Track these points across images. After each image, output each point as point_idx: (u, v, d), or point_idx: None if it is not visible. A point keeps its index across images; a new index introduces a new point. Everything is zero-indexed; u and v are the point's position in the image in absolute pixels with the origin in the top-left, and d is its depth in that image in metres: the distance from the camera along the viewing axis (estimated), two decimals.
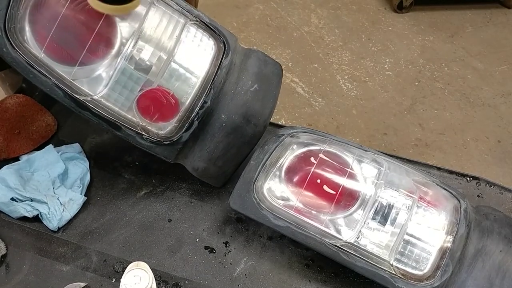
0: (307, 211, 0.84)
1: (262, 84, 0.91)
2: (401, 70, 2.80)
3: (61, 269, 0.83)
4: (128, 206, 0.93)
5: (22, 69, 0.79)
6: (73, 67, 0.81)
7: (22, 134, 0.98)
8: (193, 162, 0.91)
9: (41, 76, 0.79)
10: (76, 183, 0.92)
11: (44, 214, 0.86)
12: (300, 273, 0.86)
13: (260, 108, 0.91)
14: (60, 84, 0.80)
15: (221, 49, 0.87)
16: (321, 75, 2.70)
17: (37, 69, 0.79)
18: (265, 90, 0.92)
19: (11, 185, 0.87)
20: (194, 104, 0.86)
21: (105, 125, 0.84)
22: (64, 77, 0.81)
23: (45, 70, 0.80)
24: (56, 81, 0.80)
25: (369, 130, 2.45)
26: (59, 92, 0.81)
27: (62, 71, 0.81)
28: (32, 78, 0.80)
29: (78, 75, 0.82)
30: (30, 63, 0.79)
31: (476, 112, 2.61)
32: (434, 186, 0.88)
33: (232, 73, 0.88)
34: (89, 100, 0.83)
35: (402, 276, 0.78)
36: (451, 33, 3.08)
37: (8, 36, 0.77)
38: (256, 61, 0.92)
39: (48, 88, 0.80)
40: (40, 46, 0.79)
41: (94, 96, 0.83)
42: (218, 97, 0.87)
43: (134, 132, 0.85)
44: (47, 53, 0.80)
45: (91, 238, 0.87)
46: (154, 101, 0.85)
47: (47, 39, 0.79)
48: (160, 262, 0.85)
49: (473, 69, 2.85)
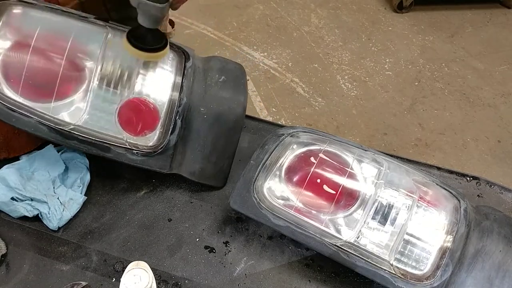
0: (307, 210, 0.84)
1: (228, 75, 0.98)
2: (401, 70, 2.80)
3: (61, 269, 0.83)
4: (128, 206, 0.93)
5: (4, 116, 0.82)
6: (50, 103, 0.85)
7: (22, 133, 0.98)
8: (188, 166, 0.92)
9: (23, 118, 0.83)
10: (76, 183, 0.92)
11: (44, 214, 0.86)
12: (300, 272, 0.86)
13: (234, 94, 0.97)
14: (42, 121, 0.83)
15: (182, 56, 0.94)
16: (321, 75, 2.70)
17: (17, 111, 0.82)
18: (233, 80, 0.98)
19: (11, 184, 0.87)
20: (172, 104, 0.90)
21: (94, 150, 0.86)
22: (44, 113, 0.85)
23: (25, 110, 0.83)
24: (38, 119, 0.83)
25: (369, 130, 2.45)
26: (44, 128, 0.83)
27: (42, 108, 0.85)
28: (15, 122, 0.82)
29: (57, 110, 0.86)
30: (11, 108, 0.82)
31: (476, 112, 2.61)
32: (434, 186, 0.88)
33: (198, 72, 0.95)
34: (73, 128, 0.85)
35: (402, 276, 0.78)
36: (451, 33, 3.08)
37: None
38: (217, 61, 1.01)
39: (32, 127, 0.83)
40: (15, 89, 0.84)
41: (77, 123, 0.86)
42: (192, 93, 0.92)
43: (123, 150, 0.87)
44: (23, 95, 0.84)
45: (91, 238, 0.87)
46: (134, 111, 0.89)
47: (20, 82, 0.83)
48: (160, 261, 0.85)
49: (473, 69, 2.85)
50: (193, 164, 0.93)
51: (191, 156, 0.93)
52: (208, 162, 0.93)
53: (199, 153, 0.93)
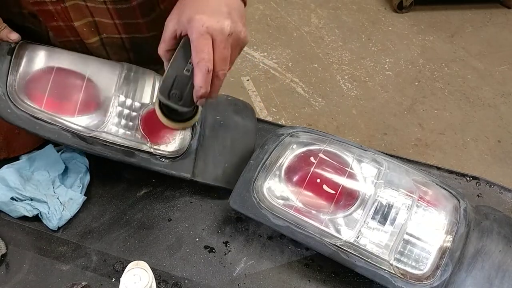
0: (306, 210, 0.84)
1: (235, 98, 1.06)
2: (401, 70, 2.81)
3: (61, 269, 0.83)
4: (128, 206, 0.93)
5: (27, 124, 0.84)
6: (74, 116, 0.87)
7: (22, 133, 0.98)
8: (211, 172, 0.95)
9: (46, 125, 0.85)
10: (76, 183, 0.92)
11: (44, 214, 0.86)
12: (300, 272, 0.86)
13: (243, 106, 1.04)
14: (66, 127, 0.86)
15: None
16: (321, 75, 2.70)
17: (41, 119, 0.85)
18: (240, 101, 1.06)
19: (11, 184, 0.87)
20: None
21: (119, 156, 0.88)
22: (68, 120, 0.87)
23: (49, 118, 0.86)
24: (61, 126, 0.86)
25: (369, 130, 2.46)
26: (67, 134, 0.86)
27: (65, 118, 0.87)
28: (39, 129, 0.85)
29: (80, 120, 0.88)
30: (34, 115, 0.85)
31: (476, 112, 2.61)
32: (434, 185, 0.88)
33: None
34: (97, 134, 0.88)
35: (402, 276, 0.78)
36: (451, 33, 3.08)
37: (11, 99, 0.85)
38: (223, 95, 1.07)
39: (56, 134, 0.85)
40: (39, 104, 0.86)
41: (100, 129, 0.88)
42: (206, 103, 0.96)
43: (147, 154, 0.90)
44: (46, 108, 0.86)
45: (91, 238, 0.87)
46: (155, 118, 0.90)
47: (44, 97, 0.87)
48: (160, 261, 0.85)
49: (473, 69, 2.86)
50: (214, 169, 0.95)
51: (212, 162, 0.96)
52: (229, 166, 0.96)
53: (219, 159, 0.96)
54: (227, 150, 0.98)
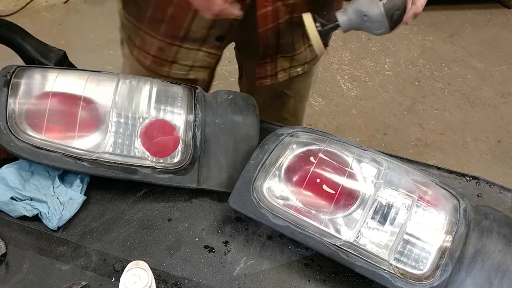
0: (306, 210, 0.84)
1: (236, 95, 1.04)
2: (401, 70, 2.81)
3: (61, 268, 0.83)
4: (127, 206, 0.93)
5: (31, 155, 0.85)
6: (74, 139, 0.89)
7: None
8: (216, 178, 0.95)
9: (49, 153, 0.86)
10: (76, 182, 0.92)
11: (44, 213, 0.86)
12: (300, 272, 0.86)
13: (244, 103, 1.02)
14: (68, 153, 0.87)
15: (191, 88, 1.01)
16: (321, 75, 2.70)
17: (44, 148, 0.86)
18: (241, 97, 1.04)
19: (10, 184, 0.87)
20: (188, 121, 0.95)
21: (122, 174, 0.89)
22: (69, 146, 0.89)
23: (50, 146, 0.87)
24: (63, 152, 0.87)
25: (369, 130, 2.46)
26: (70, 160, 0.87)
27: (66, 143, 0.89)
28: (42, 158, 0.86)
29: (81, 143, 0.89)
30: (37, 146, 0.86)
31: (476, 112, 2.61)
32: (434, 185, 0.88)
33: (207, 96, 1.02)
34: (99, 156, 0.89)
35: (402, 276, 0.78)
36: (451, 33, 3.08)
37: (12, 131, 0.86)
38: (224, 92, 1.05)
39: (59, 161, 0.86)
40: (39, 132, 0.88)
41: (101, 150, 0.90)
42: (205, 109, 0.98)
43: (150, 169, 0.90)
44: (47, 135, 0.88)
45: (90, 237, 0.87)
46: (154, 132, 0.93)
47: (44, 124, 0.88)
48: (160, 261, 0.85)
49: (473, 69, 2.86)
50: (219, 174, 0.95)
51: (216, 167, 0.95)
52: (233, 169, 0.95)
53: (223, 163, 0.96)
54: (230, 153, 0.97)
